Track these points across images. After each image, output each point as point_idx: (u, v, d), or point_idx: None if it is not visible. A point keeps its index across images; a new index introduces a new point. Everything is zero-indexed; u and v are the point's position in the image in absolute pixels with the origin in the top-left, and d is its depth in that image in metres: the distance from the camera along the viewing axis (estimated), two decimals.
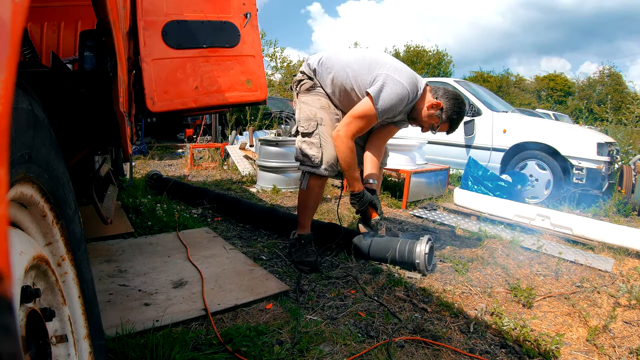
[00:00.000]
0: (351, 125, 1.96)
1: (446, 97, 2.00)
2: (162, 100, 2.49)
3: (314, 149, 2.04)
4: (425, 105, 2.01)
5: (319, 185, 2.08)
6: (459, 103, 2.00)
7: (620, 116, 6.20)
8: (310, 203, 2.11)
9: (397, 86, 1.90)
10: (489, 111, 4.60)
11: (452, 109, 1.99)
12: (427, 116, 2.03)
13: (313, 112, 2.08)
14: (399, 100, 1.91)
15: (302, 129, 2.08)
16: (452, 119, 2.01)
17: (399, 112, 2.03)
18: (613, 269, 2.23)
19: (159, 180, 3.76)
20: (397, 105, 1.92)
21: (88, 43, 1.15)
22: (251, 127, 6.59)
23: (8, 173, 0.38)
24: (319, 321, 1.49)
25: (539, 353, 1.37)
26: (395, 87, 1.90)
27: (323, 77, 2.12)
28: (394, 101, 1.90)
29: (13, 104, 0.45)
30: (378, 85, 1.90)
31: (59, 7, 2.73)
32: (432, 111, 2.01)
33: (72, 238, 0.79)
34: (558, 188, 3.96)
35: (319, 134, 2.05)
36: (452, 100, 1.99)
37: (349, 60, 2.05)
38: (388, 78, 1.90)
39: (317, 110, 2.08)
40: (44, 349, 0.63)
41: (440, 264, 2.17)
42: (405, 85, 1.91)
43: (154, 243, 2.25)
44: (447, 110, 1.99)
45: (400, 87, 1.90)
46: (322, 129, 2.06)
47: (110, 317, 1.37)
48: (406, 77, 1.94)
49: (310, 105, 2.10)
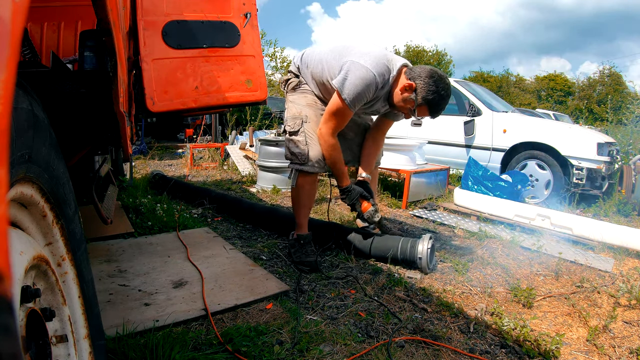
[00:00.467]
0: (329, 123, 1.95)
1: (420, 77, 1.81)
2: (162, 100, 2.49)
3: (300, 146, 2.05)
4: (398, 88, 1.89)
5: (308, 183, 2.09)
6: (436, 81, 1.80)
7: (620, 116, 6.20)
8: (303, 201, 2.12)
9: (360, 71, 1.80)
10: (489, 111, 4.60)
11: (426, 88, 1.80)
12: (401, 100, 1.90)
13: (299, 110, 2.09)
14: (364, 86, 1.81)
15: (289, 127, 2.09)
16: (428, 100, 1.81)
17: (373, 99, 1.94)
18: (613, 269, 2.23)
19: (163, 180, 3.76)
20: (364, 91, 1.82)
21: (88, 43, 1.15)
22: (251, 127, 6.59)
23: (8, 173, 0.38)
24: (319, 321, 1.49)
25: (539, 353, 1.37)
26: (358, 72, 1.80)
27: (305, 74, 2.12)
28: (359, 88, 1.81)
29: (13, 104, 0.45)
30: (342, 75, 1.83)
31: (59, 7, 2.73)
32: (405, 94, 1.86)
33: (72, 238, 0.79)
34: (558, 188, 3.96)
35: (304, 131, 2.06)
36: (427, 79, 1.80)
37: (323, 52, 2.04)
38: (352, 65, 1.82)
39: (303, 107, 2.09)
40: (44, 349, 0.63)
41: (440, 264, 2.17)
42: (369, 69, 1.80)
43: (154, 243, 2.25)
44: (421, 91, 1.81)
45: (364, 71, 1.80)
46: (307, 126, 2.06)
47: (110, 317, 1.37)
48: (372, 59, 1.82)
49: (296, 104, 2.12)
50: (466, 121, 4.65)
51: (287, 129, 2.11)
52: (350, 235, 2.19)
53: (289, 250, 2.15)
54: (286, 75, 2.23)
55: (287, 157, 2.13)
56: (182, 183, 3.74)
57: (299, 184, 2.10)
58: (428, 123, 5.15)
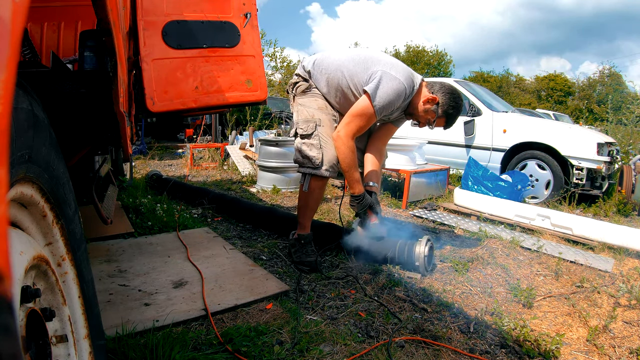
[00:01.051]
0: (351, 125, 1.96)
1: (442, 92, 1.99)
2: (162, 100, 2.48)
3: (314, 150, 2.03)
4: (422, 100, 2.01)
5: (319, 187, 2.08)
6: (455, 97, 1.99)
7: (620, 116, 6.20)
8: (311, 204, 2.11)
9: (393, 82, 1.90)
10: (489, 111, 4.60)
11: (448, 103, 1.98)
12: (423, 111, 2.03)
13: (311, 113, 2.08)
14: (396, 96, 1.92)
15: (301, 130, 2.06)
16: (448, 114, 2.00)
17: (396, 109, 2.04)
18: (613, 269, 2.23)
19: (159, 181, 3.76)
20: (394, 101, 1.93)
21: (88, 43, 1.15)
22: (251, 127, 6.59)
23: (8, 173, 0.38)
24: (319, 321, 1.49)
25: (539, 353, 1.37)
26: (391, 82, 1.90)
27: (318, 79, 2.12)
28: (391, 97, 1.91)
29: (13, 104, 0.45)
30: (375, 82, 1.90)
31: (59, 7, 2.73)
32: (428, 106, 2.00)
33: (72, 238, 0.79)
34: (558, 188, 3.96)
35: (318, 135, 2.04)
36: (449, 94, 1.98)
37: (344, 60, 2.05)
38: (384, 75, 1.91)
39: (315, 111, 2.08)
40: (44, 349, 0.63)
41: (440, 264, 2.17)
42: (402, 81, 1.92)
43: (154, 243, 2.25)
44: (443, 105, 1.98)
45: (397, 82, 1.91)
46: (321, 130, 2.05)
47: (110, 317, 1.37)
48: (402, 72, 1.95)
49: (307, 107, 2.10)
50: (466, 121, 4.65)
51: (300, 132, 2.07)
52: (349, 237, 2.19)
53: (289, 250, 2.15)
54: (293, 78, 2.21)
55: (298, 161, 2.09)
56: (181, 183, 3.74)
57: (311, 188, 2.06)
58: None
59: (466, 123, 4.64)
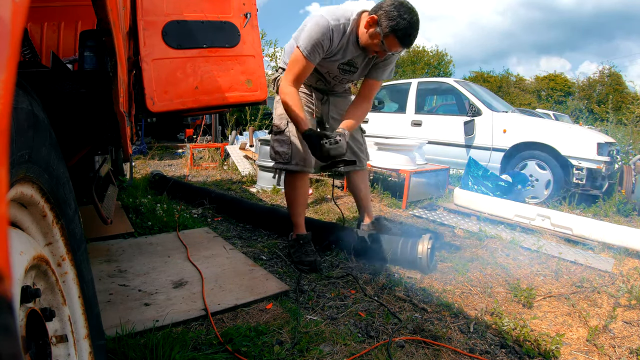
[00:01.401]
0: (287, 75, 1.94)
1: (381, 8, 1.76)
2: (162, 100, 2.48)
3: (284, 145, 2.08)
4: (362, 26, 1.85)
5: (298, 180, 2.11)
6: (396, 7, 1.72)
7: (620, 116, 6.20)
8: (297, 200, 2.14)
9: (315, 20, 1.84)
10: (489, 111, 4.60)
11: (387, 16, 1.72)
12: (368, 37, 1.83)
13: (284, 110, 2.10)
14: (320, 33, 1.81)
15: (275, 128, 2.13)
16: (393, 27, 1.72)
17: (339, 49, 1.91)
18: (613, 269, 2.23)
19: (162, 180, 3.76)
20: (320, 38, 1.82)
21: (88, 43, 1.15)
22: (251, 127, 6.59)
23: (8, 173, 0.38)
24: (319, 321, 1.49)
25: (539, 353, 1.37)
26: (313, 21, 1.85)
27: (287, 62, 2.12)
28: (314, 35, 1.82)
29: (13, 104, 0.45)
30: (300, 28, 1.95)
31: (59, 7, 2.73)
32: (371, 29, 1.80)
33: (72, 238, 0.79)
34: (558, 188, 3.96)
35: (289, 130, 2.08)
36: (387, 7, 1.74)
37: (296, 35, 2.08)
38: (308, 19, 1.93)
39: None
40: (44, 349, 0.63)
41: (440, 264, 2.17)
42: (322, 16, 1.82)
43: (154, 243, 2.25)
44: (383, 20, 1.74)
45: (317, 19, 1.83)
46: (292, 127, 2.07)
47: (110, 317, 1.37)
48: (328, 10, 1.86)
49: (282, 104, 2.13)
50: (466, 121, 4.65)
51: (274, 129, 2.14)
52: (350, 236, 2.19)
53: (289, 251, 2.15)
54: (274, 74, 2.25)
55: (272, 157, 2.16)
56: (182, 183, 3.74)
57: (288, 183, 2.12)
58: (428, 123, 5.16)
59: (466, 123, 4.64)
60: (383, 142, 3.86)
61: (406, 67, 24.34)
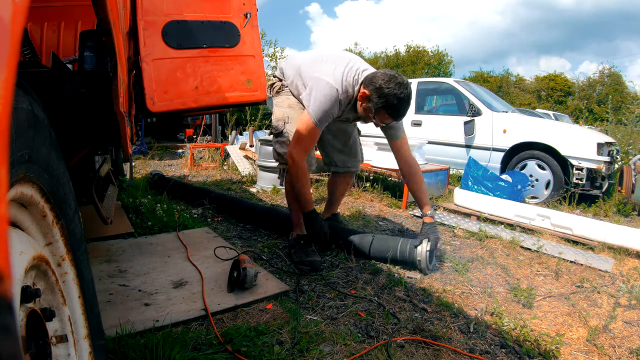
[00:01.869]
0: (300, 144, 1.95)
1: (371, 83, 1.81)
2: (162, 100, 2.48)
3: (284, 146, 2.11)
4: (358, 99, 1.90)
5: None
6: (387, 83, 1.76)
7: (620, 116, 6.20)
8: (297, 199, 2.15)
9: (326, 91, 1.85)
10: (489, 111, 4.60)
11: (379, 93, 1.78)
12: (363, 110, 1.90)
13: (282, 112, 2.16)
14: (330, 102, 1.85)
15: (274, 130, 2.17)
16: (385, 105, 1.80)
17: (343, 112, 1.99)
18: (613, 269, 2.23)
19: (162, 180, 3.76)
20: (329, 108, 1.87)
21: (88, 43, 1.15)
22: (251, 127, 6.59)
23: (8, 173, 0.38)
24: (319, 321, 1.49)
25: (539, 353, 1.37)
26: (324, 92, 1.85)
27: (286, 80, 2.19)
28: (325, 104, 1.85)
29: (13, 104, 0.45)
30: (308, 91, 1.91)
31: (59, 7, 2.73)
32: (365, 104, 1.87)
33: (72, 238, 0.79)
34: (558, 188, 3.96)
35: (287, 132, 2.11)
36: (380, 83, 1.78)
37: (301, 62, 2.10)
38: (316, 82, 1.89)
39: (286, 109, 2.15)
40: (44, 349, 0.63)
41: (440, 264, 2.17)
42: (333, 86, 1.85)
43: (154, 243, 2.25)
44: (374, 98, 1.81)
45: (330, 91, 1.85)
46: (289, 127, 2.11)
47: (110, 317, 1.37)
48: (338, 75, 1.87)
49: (280, 107, 2.18)
50: (466, 121, 4.65)
51: (274, 131, 2.18)
52: (350, 236, 2.20)
53: (289, 251, 2.16)
54: (270, 80, 2.31)
55: (275, 158, 2.20)
56: (182, 183, 3.74)
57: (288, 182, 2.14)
58: (428, 123, 5.16)
59: (466, 123, 4.64)
60: (383, 142, 3.85)
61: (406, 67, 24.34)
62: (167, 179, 3.71)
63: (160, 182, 3.72)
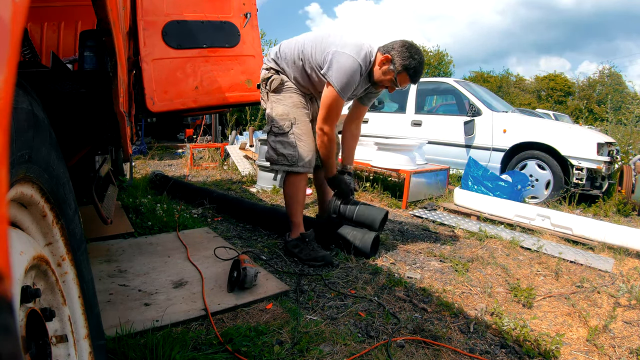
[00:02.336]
0: (329, 118, 2.05)
1: (394, 48, 1.96)
2: (162, 100, 2.49)
3: (289, 148, 2.10)
4: (377, 65, 2.01)
5: (299, 180, 2.15)
6: (408, 48, 1.95)
7: (620, 116, 6.20)
8: (299, 199, 2.17)
9: (347, 61, 1.94)
10: (489, 111, 4.60)
11: (401, 56, 1.94)
12: (382, 74, 2.01)
13: (286, 111, 2.13)
14: (352, 73, 1.95)
15: (276, 129, 2.14)
16: (405, 66, 1.95)
17: (359, 84, 2.06)
18: (613, 269, 2.23)
19: (164, 180, 3.75)
20: (352, 79, 1.96)
21: (88, 43, 1.15)
22: (251, 127, 6.59)
23: (8, 173, 0.38)
24: (319, 321, 1.49)
25: (539, 353, 1.37)
26: (345, 61, 1.94)
27: (283, 67, 2.18)
28: (348, 76, 1.95)
29: (13, 104, 0.45)
30: (328, 64, 1.97)
31: (59, 7, 2.73)
32: (384, 67, 1.99)
33: (72, 238, 0.79)
34: (558, 188, 3.96)
35: (293, 133, 2.11)
36: (400, 48, 1.95)
37: (301, 43, 2.11)
38: (336, 55, 1.95)
39: (290, 109, 2.14)
40: (44, 349, 0.63)
41: (440, 264, 2.18)
42: (355, 58, 1.95)
43: (154, 243, 2.25)
44: (397, 60, 1.95)
45: (350, 60, 1.94)
46: (296, 128, 2.12)
47: (110, 317, 1.37)
48: (355, 48, 1.96)
49: (282, 104, 2.16)
50: (466, 121, 4.65)
51: (275, 130, 2.14)
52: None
53: (293, 251, 2.14)
54: (264, 73, 2.25)
55: (272, 159, 2.17)
56: (182, 183, 3.74)
57: (291, 182, 2.15)
58: (428, 123, 5.16)
59: (466, 123, 4.64)
60: (383, 142, 3.86)
61: None
62: (168, 179, 3.71)
63: (161, 182, 3.72)
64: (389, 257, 2.23)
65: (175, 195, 3.45)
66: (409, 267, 2.11)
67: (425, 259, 2.24)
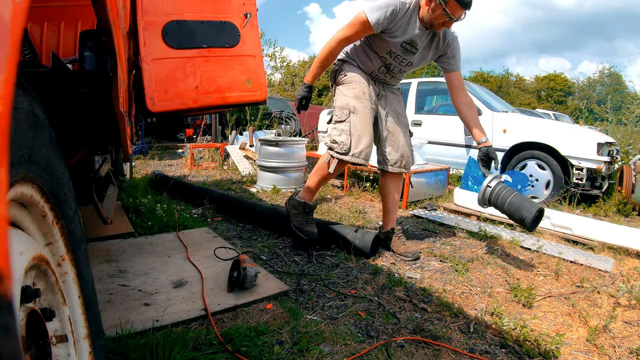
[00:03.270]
0: (343, 30, 2.05)
1: None
2: (162, 100, 2.48)
3: (343, 135, 2.11)
4: (423, 5, 1.99)
5: (340, 166, 2.17)
6: None
7: (620, 116, 6.20)
8: (327, 178, 2.22)
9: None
10: (489, 111, 4.60)
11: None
12: (431, 11, 1.97)
13: (347, 101, 2.17)
14: (385, 5, 1.95)
15: (336, 117, 2.18)
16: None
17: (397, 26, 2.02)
18: (613, 269, 2.23)
19: (164, 180, 3.75)
20: (385, 10, 1.95)
21: (88, 43, 1.15)
22: (251, 127, 6.59)
23: (8, 173, 0.37)
24: (319, 321, 1.49)
25: (539, 353, 1.37)
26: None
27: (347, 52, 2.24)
28: (382, 6, 1.95)
29: (13, 104, 0.45)
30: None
31: (59, 7, 2.73)
32: (432, 4, 1.95)
33: (72, 238, 0.79)
34: (558, 188, 3.96)
35: (349, 121, 2.12)
36: None
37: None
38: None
39: (351, 99, 2.16)
40: (44, 349, 0.63)
41: (440, 264, 2.18)
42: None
43: (154, 243, 2.25)
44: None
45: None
46: (354, 118, 2.13)
47: (110, 317, 1.37)
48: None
49: (345, 95, 2.19)
50: None
51: (335, 117, 2.19)
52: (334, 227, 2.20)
53: (291, 210, 2.19)
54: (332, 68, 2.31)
55: (328, 145, 2.18)
56: (182, 183, 3.74)
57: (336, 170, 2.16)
58: (428, 123, 5.16)
59: None
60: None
61: None
62: (169, 179, 3.71)
63: (162, 182, 3.72)
64: (389, 257, 2.24)
65: (175, 195, 3.45)
66: (409, 267, 2.11)
67: (425, 259, 2.24)
